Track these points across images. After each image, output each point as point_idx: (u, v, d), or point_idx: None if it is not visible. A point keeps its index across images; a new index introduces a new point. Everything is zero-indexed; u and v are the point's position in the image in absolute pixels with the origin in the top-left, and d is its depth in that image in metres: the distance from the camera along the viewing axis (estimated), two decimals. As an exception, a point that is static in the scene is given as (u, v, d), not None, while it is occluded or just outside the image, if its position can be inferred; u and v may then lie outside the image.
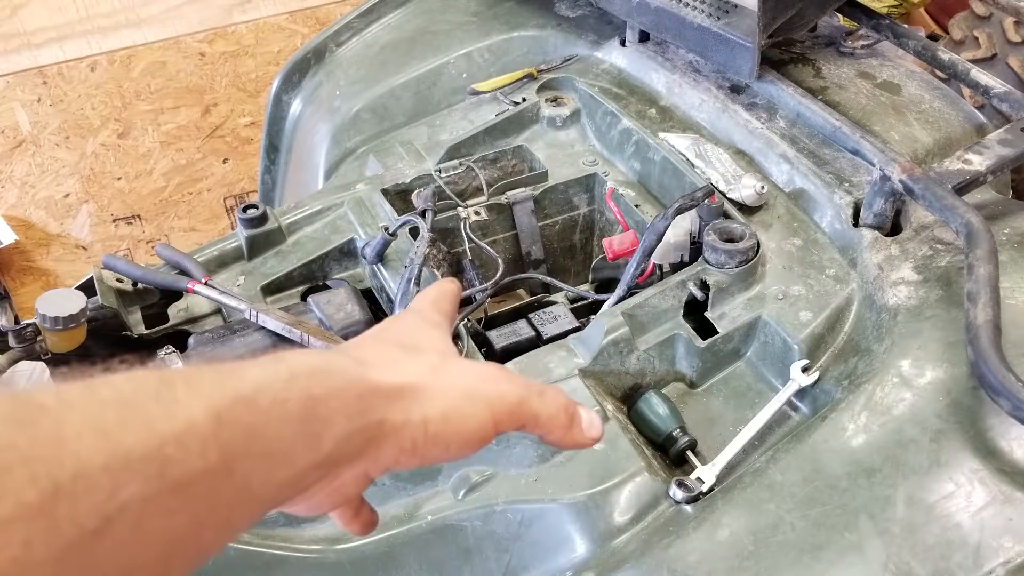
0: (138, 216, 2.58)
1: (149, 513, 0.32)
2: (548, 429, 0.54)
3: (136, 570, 0.33)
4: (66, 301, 1.04)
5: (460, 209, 1.31)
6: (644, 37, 1.48)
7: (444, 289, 0.66)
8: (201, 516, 0.34)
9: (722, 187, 1.17)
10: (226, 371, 0.38)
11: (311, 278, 1.26)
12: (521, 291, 1.35)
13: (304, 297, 1.22)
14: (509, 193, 1.34)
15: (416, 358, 0.50)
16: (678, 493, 0.89)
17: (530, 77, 1.51)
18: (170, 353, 1.08)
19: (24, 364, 1.10)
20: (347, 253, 1.27)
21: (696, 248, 1.14)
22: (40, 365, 1.13)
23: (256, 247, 1.26)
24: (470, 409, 0.49)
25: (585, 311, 1.18)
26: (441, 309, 0.61)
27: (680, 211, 1.11)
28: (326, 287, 1.24)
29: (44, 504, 0.29)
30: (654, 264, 1.14)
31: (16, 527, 0.28)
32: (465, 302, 1.15)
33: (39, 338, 1.08)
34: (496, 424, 0.50)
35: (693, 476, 0.92)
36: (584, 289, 1.29)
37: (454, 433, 0.48)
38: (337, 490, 0.47)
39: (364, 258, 1.22)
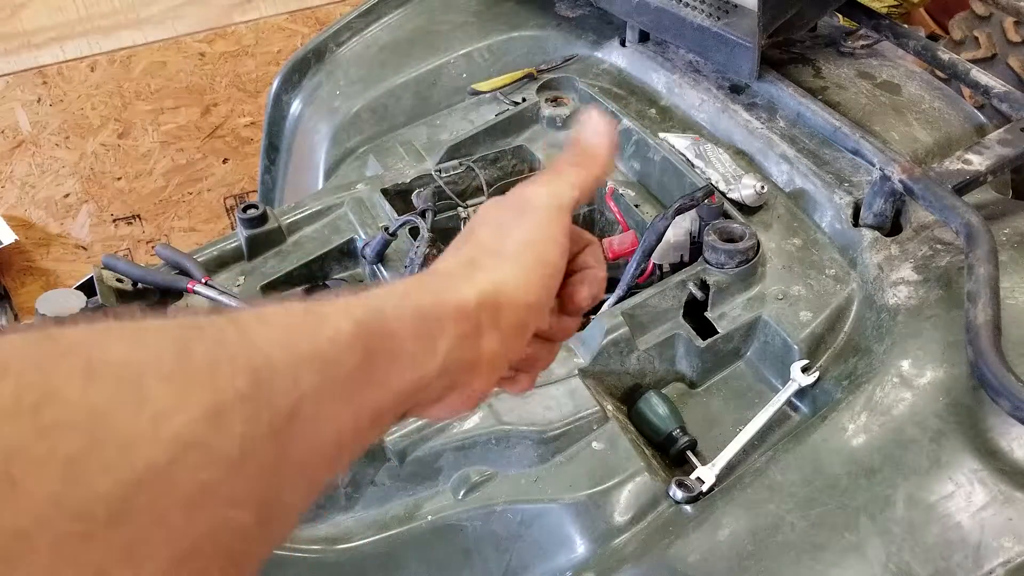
0: (138, 216, 2.58)
1: (323, 404, 0.38)
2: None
3: (320, 461, 0.39)
4: (66, 301, 1.05)
5: (460, 209, 1.31)
6: (644, 37, 1.48)
7: (594, 145, 0.58)
8: (355, 410, 0.41)
9: (722, 187, 1.17)
10: (354, 297, 0.44)
11: (311, 278, 1.26)
12: (521, 291, 1.35)
13: (304, 297, 1.22)
14: (509, 193, 1.34)
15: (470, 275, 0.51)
16: (678, 493, 0.89)
17: (530, 77, 1.51)
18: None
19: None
20: (347, 253, 1.27)
21: (696, 248, 1.14)
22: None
23: (256, 247, 1.26)
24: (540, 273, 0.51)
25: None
26: (573, 181, 0.56)
27: (680, 211, 1.11)
28: (326, 287, 1.24)
29: (251, 390, 0.35)
30: (654, 264, 1.14)
31: (237, 409, 0.34)
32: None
33: (39, 338, 1.08)
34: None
35: (693, 476, 0.92)
36: (584, 289, 1.29)
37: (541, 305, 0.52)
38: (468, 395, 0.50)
39: (364, 258, 1.22)
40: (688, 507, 0.89)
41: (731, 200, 1.16)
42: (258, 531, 0.35)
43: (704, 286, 1.07)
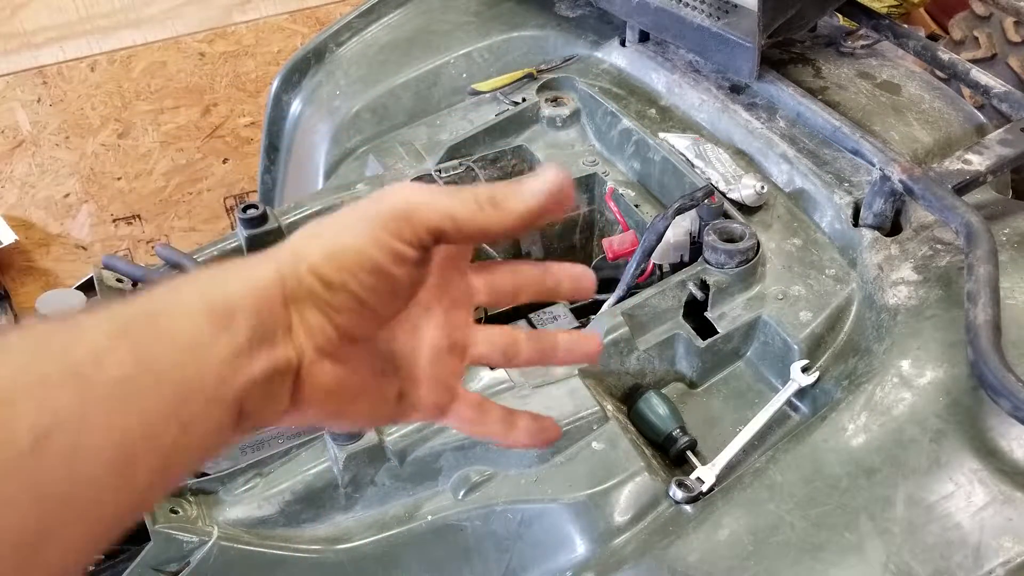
0: (138, 216, 2.58)
1: (85, 421, 0.35)
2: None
3: (94, 479, 0.35)
4: (66, 301, 1.04)
5: (460, 209, 1.30)
6: (644, 37, 1.48)
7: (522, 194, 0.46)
8: (132, 419, 0.37)
9: (722, 187, 1.17)
10: (125, 301, 0.40)
11: (311, 278, 1.25)
12: (521, 291, 1.35)
13: (304, 297, 1.22)
14: (509, 193, 1.34)
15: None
16: (678, 493, 0.89)
17: (530, 77, 1.51)
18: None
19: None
20: (347, 253, 1.26)
21: (696, 248, 1.14)
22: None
23: (256, 247, 1.26)
24: (349, 235, 0.43)
25: (585, 311, 1.18)
26: (406, 231, 0.44)
27: (680, 211, 1.11)
28: (326, 287, 1.24)
29: None
30: (654, 264, 1.14)
31: None
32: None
33: (39, 338, 1.08)
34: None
35: (693, 476, 0.92)
36: (584, 289, 1.29)
37: (348, 265, 0.43)
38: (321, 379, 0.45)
39: (364, 258, 1.22)
40: (688, 507, 0.89)
41: (731, 200, 1.16)
42: (32, 560, 0.33)
43: (704, 286, 1.07)
